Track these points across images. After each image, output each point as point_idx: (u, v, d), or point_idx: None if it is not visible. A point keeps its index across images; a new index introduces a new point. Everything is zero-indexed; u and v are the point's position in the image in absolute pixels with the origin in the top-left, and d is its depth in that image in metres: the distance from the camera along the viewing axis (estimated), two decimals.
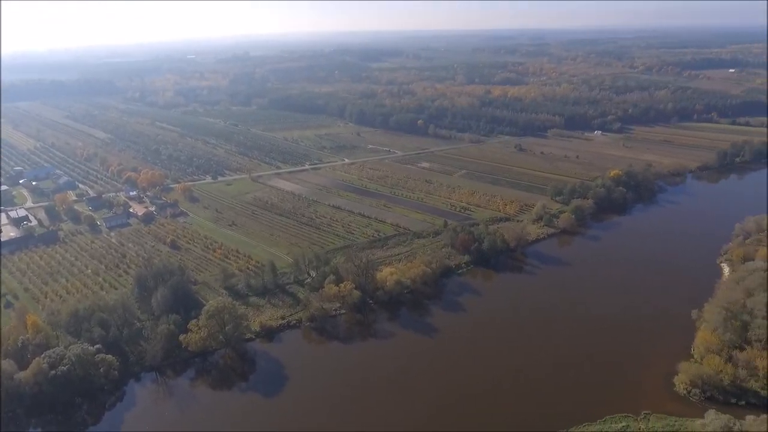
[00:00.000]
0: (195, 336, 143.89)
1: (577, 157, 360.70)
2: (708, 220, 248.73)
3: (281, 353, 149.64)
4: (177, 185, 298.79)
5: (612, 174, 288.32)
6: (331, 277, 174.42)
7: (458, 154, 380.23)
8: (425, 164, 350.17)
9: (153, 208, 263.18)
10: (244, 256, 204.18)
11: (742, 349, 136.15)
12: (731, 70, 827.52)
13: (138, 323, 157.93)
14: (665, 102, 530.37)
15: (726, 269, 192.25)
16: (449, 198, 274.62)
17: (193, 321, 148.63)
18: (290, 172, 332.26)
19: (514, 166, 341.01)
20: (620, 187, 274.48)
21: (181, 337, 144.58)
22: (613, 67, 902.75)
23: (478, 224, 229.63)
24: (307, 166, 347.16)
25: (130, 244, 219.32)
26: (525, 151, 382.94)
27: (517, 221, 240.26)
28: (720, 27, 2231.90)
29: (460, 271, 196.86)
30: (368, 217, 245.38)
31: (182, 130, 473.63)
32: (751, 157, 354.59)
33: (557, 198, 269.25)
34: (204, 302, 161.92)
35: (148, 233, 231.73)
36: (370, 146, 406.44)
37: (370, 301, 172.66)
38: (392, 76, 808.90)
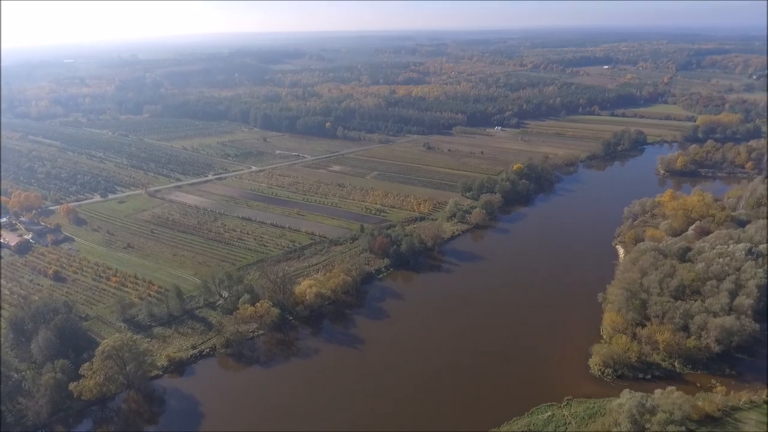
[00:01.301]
0: (89, 382, 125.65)
1: (482, 152, 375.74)
2: (601, 206, 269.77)
3: (195, 387, 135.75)
4: (59, 207, 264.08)
5: (515, 168, 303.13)
6: (246, 296, 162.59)
7: (369, 155, 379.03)
8: (337, 167, 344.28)
9: (29, 236, 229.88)
10: (144, 281, 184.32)
11: (643, 326, 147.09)
12: (605, 67, 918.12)
13: (15, 375, 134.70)
14: (554, 97, 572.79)
15: (621, 251, 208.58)
16: (363, 201, 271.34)
17: (86, 364, 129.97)
18: (192, 184, 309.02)
19: (424, 164, 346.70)
20: (523, 180, 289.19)
21: (72, 386, 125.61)
22: (506, 66, 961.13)
23: (394, 226, 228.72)
24: (210, 177, 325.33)
25: (1, 281, 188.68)
26: (433, 150, 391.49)
27: (432, 220, 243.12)
28: (593, 27, 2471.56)
29: (381, 275, 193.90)
30: (281, 227, 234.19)
31: (62, 144, 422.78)
32: (630, 144, 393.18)
33: (467, 194, 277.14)
34: (99, 340, 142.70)
35: (25, 265, 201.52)
36: (278, 152, 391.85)
37: (290, 318, 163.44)
38: (296, 78, 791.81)
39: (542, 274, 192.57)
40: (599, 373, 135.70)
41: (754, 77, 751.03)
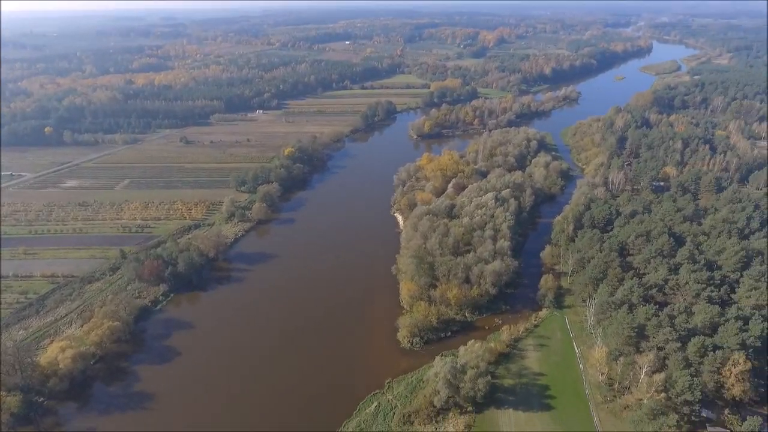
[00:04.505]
0: None
1: (248, 140, 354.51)
2: (373, 177, 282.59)
3: None
4: None
5: (286, 152, 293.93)
6: None
7: (114, 161, 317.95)
8: (73, 182, 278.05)
9: None
10: None
11: (435, 287, 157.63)
12: (347, 42, 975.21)
13: None
14: (308, 75, 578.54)
15: (400, 218, 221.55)
16: (118, 219, 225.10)
17: None
18: None
19: (186, 162, 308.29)
20: (297, 164, 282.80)
21: None
22: (254, 45, 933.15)
23: (164, 242, 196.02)
24: None
25: None
26: (193, 143, 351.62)
27: (209, 225, 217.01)
28: (330, 5, 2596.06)
29: (160, 305, 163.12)
30: (2, 276, 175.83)
31: None
32: (384, 115, 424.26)
33: (242, 188, 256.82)
34: None
35: None
36: None
37: (42, 399, 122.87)
38: None
39: (337, 258, 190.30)
40: (409, 345, 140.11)
41: (462, 46, 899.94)
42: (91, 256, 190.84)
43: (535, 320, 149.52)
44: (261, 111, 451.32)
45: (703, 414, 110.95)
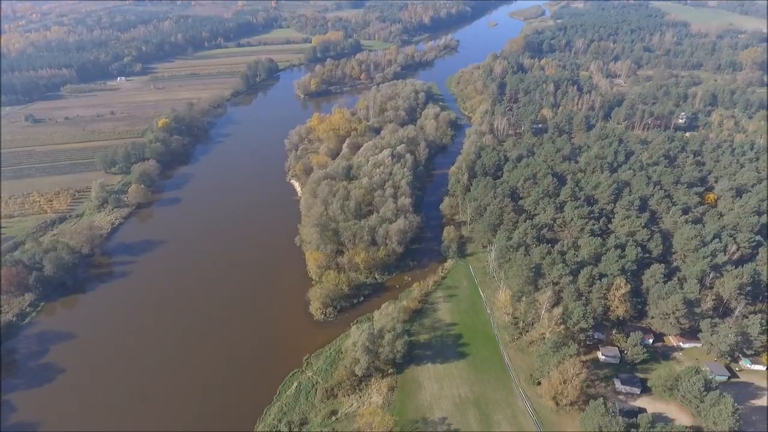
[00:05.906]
0: None
1: (113, 113, 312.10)
2: (263, 143, 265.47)
3: None
4: None
5: (161, 123, 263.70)
6: None
7: None
8: None
9: None
10: None
11: (342, 253, 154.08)
12: None
13: None
14: (174, 33, 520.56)
15: (297, 185, 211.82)
16: None
17: None
18: None
19: (37, 145, 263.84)
20: (175, 136, 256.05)
21: None
22: (104, 1, 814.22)
23: (23, 243, 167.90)
24: None
25: None
26: (43, 122, 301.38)
27: (78, 216, 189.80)
28: None
29: (28, 318, 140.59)
30: None
31: None
32: (266, 74, 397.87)
33: (113, 169, 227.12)
34: None
35: None
36: None
37: None
38: None
39: (234, 236, 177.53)
40: (323, 316, 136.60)
41: None
42: None
43: (442, 272, 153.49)
44: (123, 78, 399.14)
45: (596, 337, 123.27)
